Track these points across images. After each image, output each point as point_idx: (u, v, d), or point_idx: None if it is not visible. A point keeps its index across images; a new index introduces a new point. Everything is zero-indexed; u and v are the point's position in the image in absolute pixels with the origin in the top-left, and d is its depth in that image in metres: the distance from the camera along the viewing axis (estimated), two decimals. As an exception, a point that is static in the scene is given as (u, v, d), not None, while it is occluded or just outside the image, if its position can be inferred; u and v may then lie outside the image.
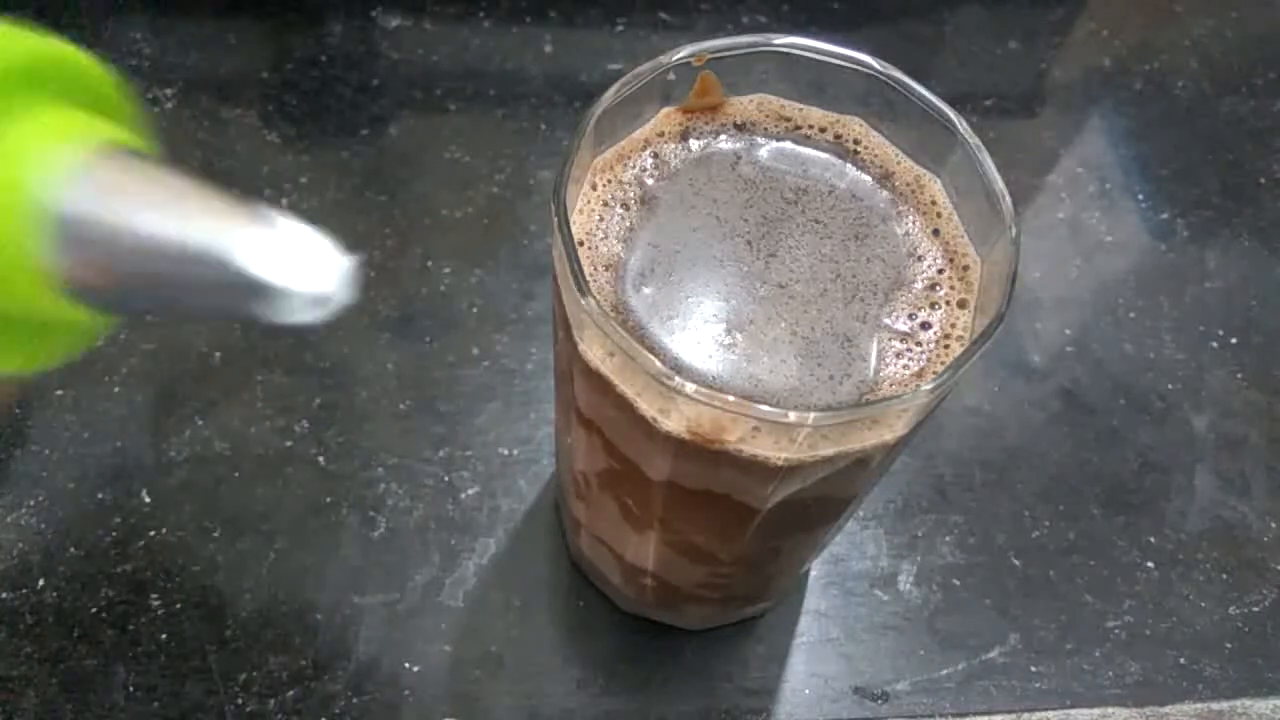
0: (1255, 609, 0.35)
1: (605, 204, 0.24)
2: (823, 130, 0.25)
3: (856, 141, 0.25)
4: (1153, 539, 0.36)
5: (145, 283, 0.12)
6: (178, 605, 0.33)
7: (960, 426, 0.38)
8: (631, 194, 0.24)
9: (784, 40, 0.24)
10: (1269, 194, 0.46)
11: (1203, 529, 0.37)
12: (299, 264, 0.11)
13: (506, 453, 0.36)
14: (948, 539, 0.36)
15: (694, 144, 0.25)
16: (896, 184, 0.25)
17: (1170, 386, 0.40)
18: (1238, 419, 0.39)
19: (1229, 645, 0.34)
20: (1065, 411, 0.39)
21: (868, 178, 0.25)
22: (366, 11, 0.47)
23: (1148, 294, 0.42)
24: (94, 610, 0.32)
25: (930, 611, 0.34)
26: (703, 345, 0.22)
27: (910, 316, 0.23)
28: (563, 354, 0.24)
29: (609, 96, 0.23)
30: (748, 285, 0.23)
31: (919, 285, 0.23)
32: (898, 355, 0.22)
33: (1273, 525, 0.37)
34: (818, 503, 0.24)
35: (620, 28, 0.48)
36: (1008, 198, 0.22)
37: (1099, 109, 0.48)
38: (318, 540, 0.34)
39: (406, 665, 0.32)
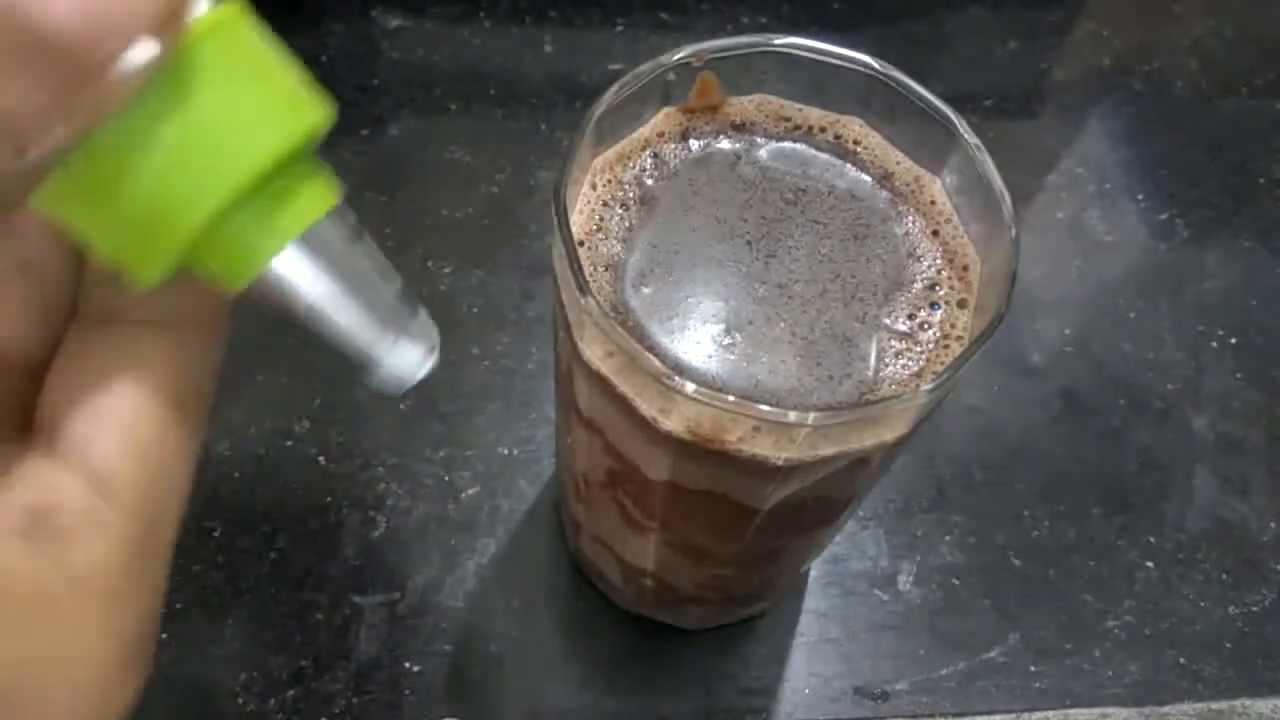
0: (1254, 609, 0.35)
1: (605, 204, 0.24)
2: (822, 130, 0.25)
3: (856, 142, 0.25)
4: (1152, 539, 0.36)
5: (297, 320, 0.15)
6: (178, 605, 0.33)
7: (960, 426, 0.38)
8: (631, 194, 0.24)
9: (784, 40, 0.24)
10: (1268, 194, 0.46)
11: (1202, 529, 0.37)
12: (411, 360, 0.16)
13: (506, 453, 0.36)
14: (947, 539, 0.36)
15: (694, 144, 0.25)
16: (896, 184, 0.25)
17: (1170, 386, 0.40)
18: (1237, 419, 0.39)
19: (1228, 645, 0.35)
20: (1065, 411, 0.39)
21: (867, 178, 0.25)
22: (366, 11, 0.47)
23: (1147, 294, 0.42)
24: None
25: (930, 611, 0.34)
26: (702, 345, 0.22)
27: (910, 316, 0.23)
28: (563, 354, 0.24)
29: (609, 97, 0.23)
30: (747, 285, 0.23)
31: (918, 285, 0.23)
32: (897, 355, 0.22)
33: (1272, 525, 0.37)
34: (817, 502, 0.24)
35: (620, 28, 0.48)
36: (1007, 198, 0.22)
37: (1099, 109, 0.48)
38: (318, 540, 0.34)
39: (406, 665, 0.32)
